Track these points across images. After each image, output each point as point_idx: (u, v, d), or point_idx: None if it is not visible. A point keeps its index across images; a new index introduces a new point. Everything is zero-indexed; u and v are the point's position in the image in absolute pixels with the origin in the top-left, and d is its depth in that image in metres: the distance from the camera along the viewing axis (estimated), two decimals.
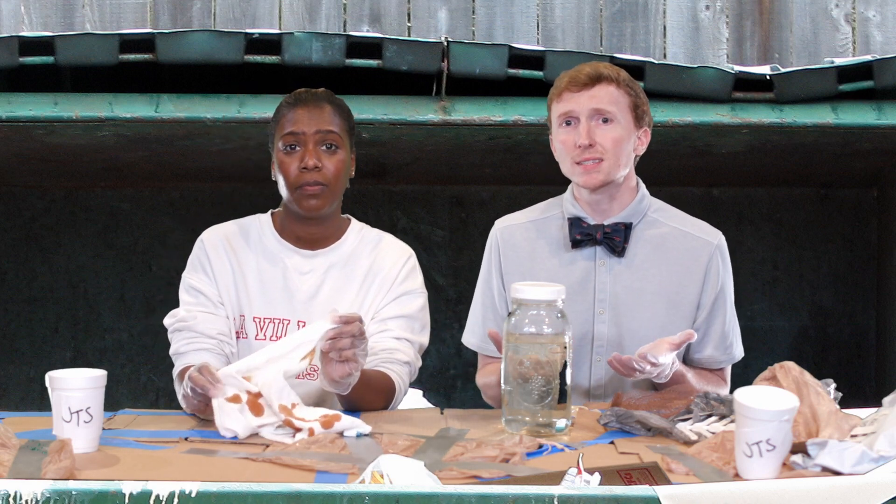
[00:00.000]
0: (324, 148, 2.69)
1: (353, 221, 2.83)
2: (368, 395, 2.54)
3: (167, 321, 2.72)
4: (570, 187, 2.80)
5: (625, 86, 2.69)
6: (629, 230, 2.73)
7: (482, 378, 2.82)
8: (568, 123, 2.69)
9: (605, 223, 2.74)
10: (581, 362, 2.69)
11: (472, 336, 2.86)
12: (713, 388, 2.71)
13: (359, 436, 2.25)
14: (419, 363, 2.74)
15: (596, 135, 2.66)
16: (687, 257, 2.75)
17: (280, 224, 2.79)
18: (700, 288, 2.74)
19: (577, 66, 2.72)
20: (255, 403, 2.28)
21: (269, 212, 2.83)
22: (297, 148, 2.69)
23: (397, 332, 2.69)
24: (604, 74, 2.68)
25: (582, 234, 2.73)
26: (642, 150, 2.75)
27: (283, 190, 2.72)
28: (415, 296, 2.75)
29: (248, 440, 2.22)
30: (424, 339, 2.76)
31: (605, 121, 2.67)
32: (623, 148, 2.68)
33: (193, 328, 2.67)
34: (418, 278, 2.79)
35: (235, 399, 2.28)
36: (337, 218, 2.79)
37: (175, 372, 2.67)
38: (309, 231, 2.76)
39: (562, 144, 2.70)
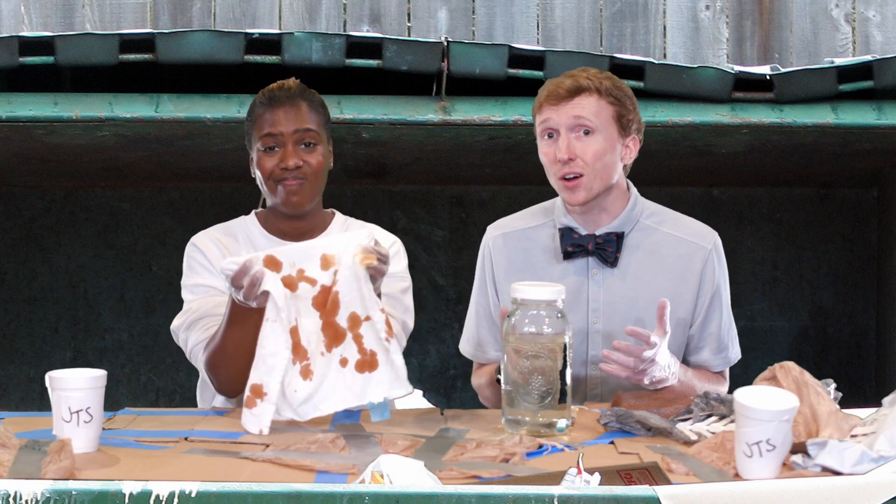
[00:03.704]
0: (303, 146, 2.72)
1: (338, 214, 2.87)
2: None
3: (177, 322, 2.69)
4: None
5: (607, 95, 2.64)
6: (621, 239, 2.71)
7: (477, 379, 2.83)
8: (549, 136, 2.66)
9: (597, 233, 2.71)
10: (575, 372, 2.67)
11: (468, 344, 2.86)
12: (713, 386, 2.71)
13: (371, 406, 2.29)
14: (404, 343, 2.72)
15: (576, 148, 2.62)
16: (681, 264, 2.73)
17: (265, 221, 2.82)
18: (695, 294, 2.72)
19: (559, 76, 2.68)
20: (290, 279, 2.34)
21: (252, 212, 2.85)
22: (276, 148, 2.72)
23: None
24: (584, 86, 2.63)
25: (573, 246, 2.70)
26: (630, 158, 2.71)
27: (263, 187, 2.75)
28: (397, 279, 2.75)
29: (247, 440, 2.22)
30: (409, 320, 2.77)
31: (587, 133, 2.64)
32: (605, 160, 2.64)
33: (210, 313, 2.65)
34: (402, 263, 2.80)
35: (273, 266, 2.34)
36: (320, 211, 2.83)
37: (202, 361, 2.62)
38: (293, 226, 2.79)
39: (544, 157, 2.68)
